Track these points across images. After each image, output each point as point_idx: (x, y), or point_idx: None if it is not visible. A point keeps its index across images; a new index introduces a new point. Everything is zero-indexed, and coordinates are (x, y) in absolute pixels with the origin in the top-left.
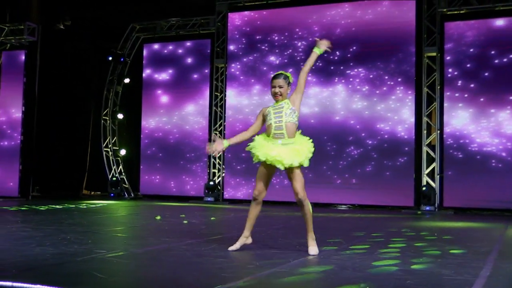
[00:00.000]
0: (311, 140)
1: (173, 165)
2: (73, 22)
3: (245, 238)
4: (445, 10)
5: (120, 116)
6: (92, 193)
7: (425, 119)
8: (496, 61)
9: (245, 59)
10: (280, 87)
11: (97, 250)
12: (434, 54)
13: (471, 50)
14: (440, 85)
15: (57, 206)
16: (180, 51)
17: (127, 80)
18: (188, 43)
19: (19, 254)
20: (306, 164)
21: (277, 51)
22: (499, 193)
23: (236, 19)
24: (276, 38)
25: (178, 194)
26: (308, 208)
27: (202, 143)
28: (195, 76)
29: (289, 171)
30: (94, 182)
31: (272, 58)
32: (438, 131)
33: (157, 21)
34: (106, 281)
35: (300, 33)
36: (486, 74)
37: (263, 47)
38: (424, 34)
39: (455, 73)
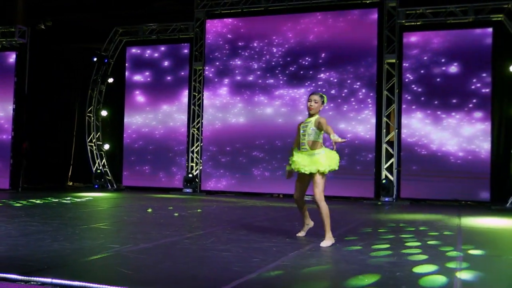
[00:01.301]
0: (334, 151)
1: (157, 158)
2: (60, 25)
3: (307, 225)
4: (403, 21)
5: (103, 113)
6: (76, 184)
7: (384, 119)
8: (444, 68)
9: (218, 63)
10: (315, 102)
11: (110, 245)
12: (393, 60)
13: (425, 58)
14: (398, 89)
15: (52, 200)
16: (160, 54)
17: (110, 80)
18: (168, 47)
19: (40, 250)
20: (326, 172)
21: (256, 56)
22: (448, 186)
23: (218, 26)
24: (254, 44)
25: (158, 185)
26: (323, 210)
27: (186, 138)
28: (175, 77)
29: (312, 177)
30: (78, 175)
31: (245, 62)
32: (396, 130)
33: (139, 25)
34: (134, 276)
35: (276, 40)
36: (438, 79)
37: (242, 53)
38: (384, 42)
39: (412, 78)
